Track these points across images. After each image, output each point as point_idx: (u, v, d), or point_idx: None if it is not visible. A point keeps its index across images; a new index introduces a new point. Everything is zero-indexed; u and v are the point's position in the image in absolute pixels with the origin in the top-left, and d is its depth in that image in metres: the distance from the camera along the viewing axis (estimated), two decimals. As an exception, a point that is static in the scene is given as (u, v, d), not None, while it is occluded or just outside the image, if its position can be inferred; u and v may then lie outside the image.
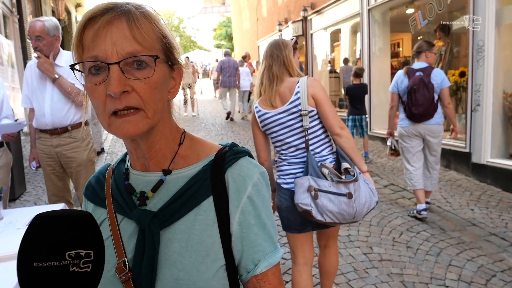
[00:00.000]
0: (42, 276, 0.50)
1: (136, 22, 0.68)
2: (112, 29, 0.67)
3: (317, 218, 1.96)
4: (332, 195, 1.96)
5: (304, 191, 1.98)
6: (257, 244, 0.75)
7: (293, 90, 2.11)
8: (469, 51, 5.26)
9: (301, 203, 1.97)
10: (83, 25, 0.69)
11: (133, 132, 0.69)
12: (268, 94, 2.17)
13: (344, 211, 1.95)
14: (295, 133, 2.14)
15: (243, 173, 0.77)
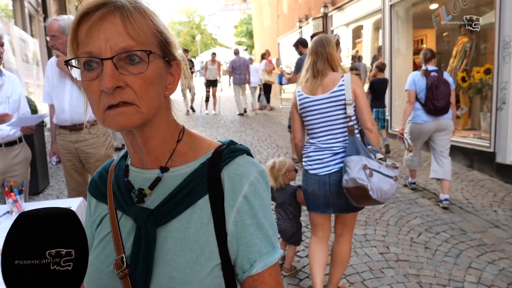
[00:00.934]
0: (23, 274, 0.51)
1: (129, 17, 0.68)
2: (105, 24, 0.67)
3: (370, 193, 2.16)
4: (382, 175, 2.20)
5: (360, 168, 2.16)
6: (252, 244, 0.74)
7: (336, 82, 2.33)
8: (495, 47, 5.09)
9: (359, 178, 2.15)
10: (77, 21, 0.69)
11: (125, 123, 0.69)
12: (311, 85, 2.39)
13: (388, 191, 2.21)
14: (331, 120, 2.35)
15: (240, 172, 0.76)
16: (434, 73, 4.35)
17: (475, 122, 6.58)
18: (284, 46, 17.22)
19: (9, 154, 2.85)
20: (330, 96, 2.33)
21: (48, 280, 0.51)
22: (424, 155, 6.64)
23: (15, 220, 0.52)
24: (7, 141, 2.83)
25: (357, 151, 2.23)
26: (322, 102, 2.35)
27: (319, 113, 2.36)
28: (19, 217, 0.52)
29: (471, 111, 6.68)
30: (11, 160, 2.85)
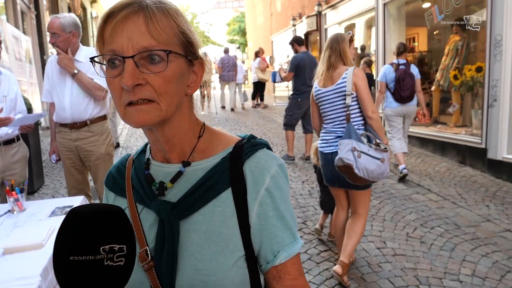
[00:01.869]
0: (78, 269, 0.52)
1: (152, 17, 0.70)
2: (128, 24, 0.69)
3: (355, 172, 2.53)
4: (369, 157, 2.56)
5: (348, 150, 2.55)
6: (275, 235, 0.77)
7: (341, 75, 2.71)
8: (487, 45, 5.18)
9: (345, 158, 2.54)
10: (104, 20, 0.72)
11: (144, 121, 0.71)
12: (324, 77, 2.79)
13: (375, 171, 2.56)
14: (335, 108, 2.76)
15: (261, 165, 0.78)
16: (403, 66, 5.21)
17: (466, 119, 6.69)
18: (278, 44, 17.25)
19: (7, 153, 2.84)
20: (335, 88, 2.73)
21: (101, 275, 0.53)
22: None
23: (65, 217, 0.54)
24: (6, 140, 2.83)
25: (350, 136, 2.60)
26: (329, 93, 2.76)
27: (328, 103, 2.79)
28: (69, 214, 0.54)
29: (462, 108, 6.78)
30: (10, 158, 2.85)
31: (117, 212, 0.56)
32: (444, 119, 7.14)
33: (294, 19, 13.82)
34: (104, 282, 0.53)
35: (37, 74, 7.54)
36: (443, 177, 5.28)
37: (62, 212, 2.23)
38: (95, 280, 0.53)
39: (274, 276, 0.78)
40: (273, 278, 0.79)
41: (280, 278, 0.78)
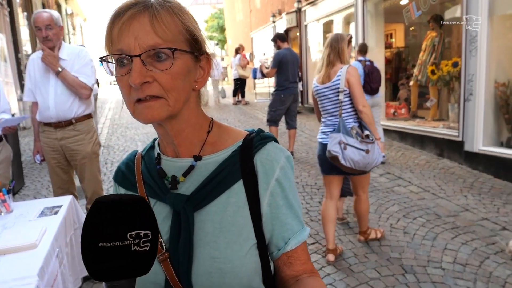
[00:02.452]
0: (106, 256, 0.54)
1: (157, 16, 0.72)
2: (134, 24, 0.71)
3: (341, 162, 2.81)
4: (355, 149, 2.81)
5: (336, 143, 2.83)
6: (286, 223, 0.81)
7: (337, 73, 2.95)
8: (462, 41, 5.35)
9: (332, 150, 2.83)
10: (112, 20, 0.73)
11: (152, 117, 0.73)
12: (322, 74, 3.03)
13: (360, 161, 2.81)
14: (331, 104, 3.02)
15: (271, 157, 0.81)
16: (368, 63, 5.70)
17: (444, 113, 6.89)
18: (258, 40, 17.26)
19: None
20: (331, 85, 2.99)
21: (128, 260, 0.55)
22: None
23: (91, 207, 0.56)
24: None
25: (339, 130, 2.89)
26: (326, 90, 3.02)
27: (325, 98, 3.05)
28: (96, 203, 0.56)
29: (440, 102, 6.98)
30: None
31: (140, 200, 0.58)
32: (422, 113, 7.33)
33: (274, 16, 13.85)
34: (131, 266, 0.55)
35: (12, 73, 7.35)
36: (422, 169, 5.44)
37: (52, 212, 2.21)
38: (123, 265, 0.55)
39: (285, 262, 0.82)
40: (283, 264, 0.83)
41: (290, 264, 0.82)
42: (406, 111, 7.63)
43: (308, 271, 0.84)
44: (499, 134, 5.35)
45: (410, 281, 2.81)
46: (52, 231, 1.90)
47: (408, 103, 7.72)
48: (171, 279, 0.77)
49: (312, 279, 0.81)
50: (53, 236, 1.84)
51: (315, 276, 0.84)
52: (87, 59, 3.04)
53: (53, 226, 1.96)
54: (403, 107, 7.70)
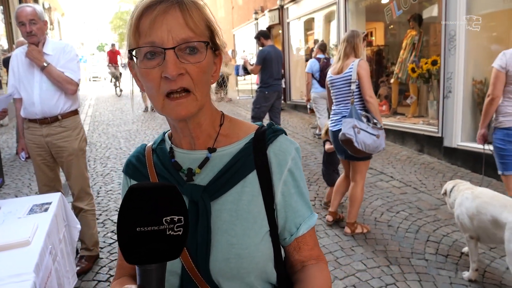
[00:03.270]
0: (143, 240, 0.56)
1: (188, 11, 0.74)
2: (167, 17, 0.73)
3: (355, 144, 3.11)
4: (368, 133, 3.13)
5: (350, 127, 3.13)
6: (297, 210, 0.85)
7: (349, 65, 3.28)
8: (441, 40, 5.50)
9: (347, 133, 3.12)
10: (140, 14, 0.74)
11: (185, 113, 0.76)
12: (338, 66, 3.37)
13: (371, 144, 3.13)
14: (342, 93, 3.36)
15: (283, 149, 0.85)
16: (324, 60, 6.76)
17: (423, 109, 7.07)
18: (240, 37, 17.23)
19: None
20: (343, 76, 3.32)
21: (163, 244, 0.57)
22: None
23: (126, 193, 0.57)
24: None
25: (351, 115, 3.18)
26: (338, 80, 3.36)
27: (337, 88, 3.39)
28: (131, 190, 0.57)
29: (419, 99, 7.15)
30: None
31: (173, 187, 0.59)
32: (403, 110, 7.50)
33: (256, 13, 13.86)
34: (165, 250, 0.58)
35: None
36: (404, 164, 5.58)
37: (41, 210, 2.18)
38: (158, 249, 0.57)
39: (295, 247, 0.87)
40: (293, 249, 0.87)
41: (299, 249, 0.87)
42: (387, 108, 7.79)
43: (314, 256, 0.88)
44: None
45: (395, 272, 2.90)
46: (44, 228, 1.88)
47: (389, 100, 7.88)
48: (188, 267, 0.79)
49: (316, 268, 0.86)
50: (45, 233, 1.82)
51: (320, 263, 0.88)
52: (73, 54, 3.00)
53: (44, 223, 1.94)
54: (384, 104, 7.85)
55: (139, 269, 0.58)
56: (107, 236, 3.65)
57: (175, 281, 0.82)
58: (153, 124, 9.36)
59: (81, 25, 39.17)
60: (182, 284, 0.81)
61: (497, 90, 3.10)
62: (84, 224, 3.01)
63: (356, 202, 3.49)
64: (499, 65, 3.05)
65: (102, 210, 4.26)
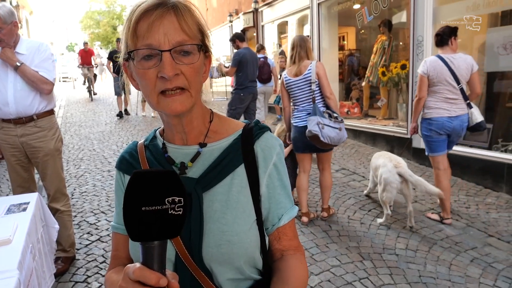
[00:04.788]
0: (148, 218, 0.62)
1: (183, 15, 0.80)
2: (164, 22, 0.79)
3: (321, 139, 3.38)
4: (331, 127, 3.44)
5: (315, 124, 3.42)
6: (280, 201, 0.92)
7: (307, 67, 3.60)
8: (410, 45, 5.74)
9: (313, 130, 3.40)
10: (138, 18, 0.80)
11: (181, 109, 0.82)
12: (294, 68, 3.66)
13: (335, 137, 3.43)
14: (304, 93, 3.65)
15: (269, 145, 0.92)
16: (262, 59, 7.73)
17: (393, 112, 7.32)
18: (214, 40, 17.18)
19: None
20: (303, 77, 3.62)
21: (166, 222, 0.63)
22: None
23: (131, 178, 0.62)
24: None
25: (315, 113, 3.49)
26: (299, 82, 3.65)
27: (298, 88, 3.68)
28: (135, 174, 0.63)
29: (389, 102, 7.40)
30: None
31: (172, 172, 0.65)
32: (374, 113, 7.74)
33: (231, 15, 13.93)
34: (167, 228, 0.63)
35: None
36: (375, 165, 5.76)
37: (20, 209, 2.17)
38: (161, 227, 0.63)
39: (276, 237, 0.93)
40: (274, 239, 0.94)
41: (279, 239, 0.94)
42: (358, 110, 8.02)
43: (293, 247, 0.95)
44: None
45: (368, 267, 3.03)
46: (24, 227, 1.88)
47: (360, 103, 8.11)
48: (181, 254, 0.85)
49: (294, 259, 0.93)
50: (26, 232, 1.82)
51: (297, 254, 0.95)
52: (47, 53, 2.97)
53: (24, 223, 1.94)
54: (356, 107, 8.08)
55: (142, 247, 0.63)
56: (83, 237, 3.62)
57: (169, 267, 0.86)
58: (126, 126, 9.25)
59: (50, 24, 38.07)
60: (176, 271, 0.86)
61: (422, 91, 3.74)
62: (61, 225, 2.98)
63: (329, 187, 3.88)
64: (422, 71, 3.68)
65: (77, 211, 4.21)
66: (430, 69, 3.62)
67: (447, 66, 3.54)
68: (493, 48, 4.93)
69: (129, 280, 0.62)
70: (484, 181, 4.80)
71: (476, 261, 3.09)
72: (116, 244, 0.98)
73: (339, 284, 2.81)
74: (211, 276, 0.86)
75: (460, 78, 3.56)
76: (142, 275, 0.61)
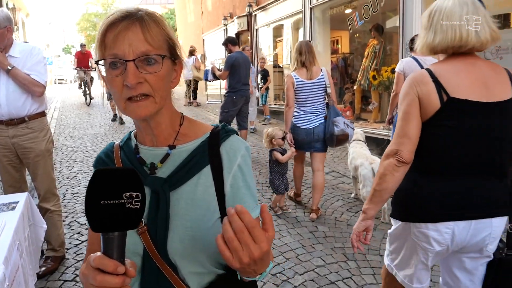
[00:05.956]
0: (106, 211, 0.68)
1: (147, 27, 0.86)
2: (128, 33, 0.85)
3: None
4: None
5: (343, 123, 3.81)
6: (244, 201, 0.96)
7: (319, 73, 3.94)
8: (399, 49, 5.83)
9: (345, 129, 3.80)
10: (106, 29, 0.86)
11: (145, 114, 0.88)
12: (305, 72, 3.92)
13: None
14: (315, 95, 3.94)
15: (234, 147, 0.98)
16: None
17: (384, 115, 7.40)
18: (209, 43, 17.31)
19: None
20: (316, 81, 3.91)
21: (123, 215, 0.69)
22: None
23: (93, 174, 0.69)
24: None
25: (338, 114, 3.88)
26: (312, 85, 3.91)
27: (310, 91, 3.92)
28: (96, 171, 0.69)
29: (381, 105, 7.50)
30: None
31: (132, 170, 0.71)
32: (365, 116, 7.84)
33: (225, 19, 14.02)
34: (125, 220, 0.69)
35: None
36: (365, 167, 5.83)
37: (9, 208, 2.22)
38: (119, 219, 0.68)
39: None
40: None
41: None
42: (351, 113, 8.11)
43: None
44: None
45: (351, 267, 3.09)
46: (12, 225, 1.93)
47: (352, 106, 8.20)
48: (149, 248, 0.91)
49: None
50: (13, 230, 1.88)
51: None
52: (40, 57, 3.03)
53: (11, 221, 1.99)
54: (348, 110, 8.17)
55: (103, 238, 0.69)
56: (73, 237, 3.67)
57: (137, 261, 0.92)
58: (120, 128, 9.29)
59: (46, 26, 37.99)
60: (144, 264, 0.92)
61: (398, 87, 4.09)
62: (51, 224, 3.04)
63: (321, 189, 4.07)
64: (399, 69, 4.13)
65: (69, 212, 4.26)
66: (405, 68, 4.06)
67: (420, 65, 3.96)
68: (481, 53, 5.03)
69: (90, 268, 0.69)
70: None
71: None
72: (90, 238, 1.04)
73: (323, 284, 2.87)
74: (176, 269, 0.92)
75: None
76: (101, 263, 0.68)
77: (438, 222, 1.54)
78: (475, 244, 1.57)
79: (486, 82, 1.52)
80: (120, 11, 0.89)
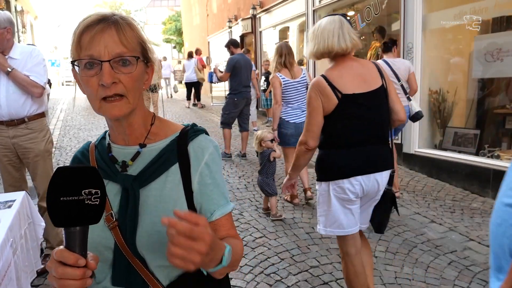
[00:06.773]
0: (66, 207, 0.71)
1: (122, 30, 0.91)
2: (104, 35, 0.89)
3: None
4: None
5: None
6: (212, 198, 1.00)
7: (301, 72, 4.40)
8: (401, 51, 5.83)
9: None
10: (82, 31, 0.90)
11: (119, 114, 0.92)
12: (290, 71, 4.33)
13: None
14: (300, 93, 4.32)
15: (201, 146, 1.01)
16: None
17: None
18: (214, 45, 17.41)
19: None
20: (300, 79, 4.35)
21: (83, 211, 0.72)
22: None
23: (55, 172, 0.72)
24: None
25: None
26: (296, 83, 4.32)
27: (295, 89, 4.34)
28: (58, 169, 0.72)
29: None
30: None
31: (91, 167, 0.75)
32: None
33: (230, 21, 14.09)
34: (84, 216, 0.72)
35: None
36: (365, 169, 5.84)
37: (5, 206, 2.27)
38: (79, 215, 0.72)
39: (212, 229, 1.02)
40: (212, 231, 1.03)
41: (216, 230, 1.02)
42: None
43: (231, 235, 1.04)
44: (432, 137, 5.87)
45: (346, 268, 3.10)
46: (6, 222, 1.98)
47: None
48: (119, 243, 0.95)
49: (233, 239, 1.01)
50: (7, 227, 1.93)
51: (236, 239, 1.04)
52: (39, 59, 3.10)
53: (7, 218, 2.04)
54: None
55: (65, 232, 0.73)
56: (72, 237, 3.72)
57: (109, 254, 0.97)
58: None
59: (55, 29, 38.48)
60: (115, 257, 0.96)
61: None
62: (49, 223, 3.08)
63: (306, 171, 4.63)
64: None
65: (69, 212, 4.31)
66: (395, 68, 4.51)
67: (390, 67, 4.40)
68: (481, 55, 5.02)
69: (53, 261, 0.73)
70: (471, 186, 4.87)
71: (454, 263, 3.16)
72: None
73: (316, 284, 2.89)
74: (145, 263, 0.96)
75: (400, 76, 4.49)
76: (62, 256, 0.71)
77: (350, 177, 2.11)
78: (374, 191, 2.19)
79: (363, 77, 2.13)
80: (96, 14, 0.93)
